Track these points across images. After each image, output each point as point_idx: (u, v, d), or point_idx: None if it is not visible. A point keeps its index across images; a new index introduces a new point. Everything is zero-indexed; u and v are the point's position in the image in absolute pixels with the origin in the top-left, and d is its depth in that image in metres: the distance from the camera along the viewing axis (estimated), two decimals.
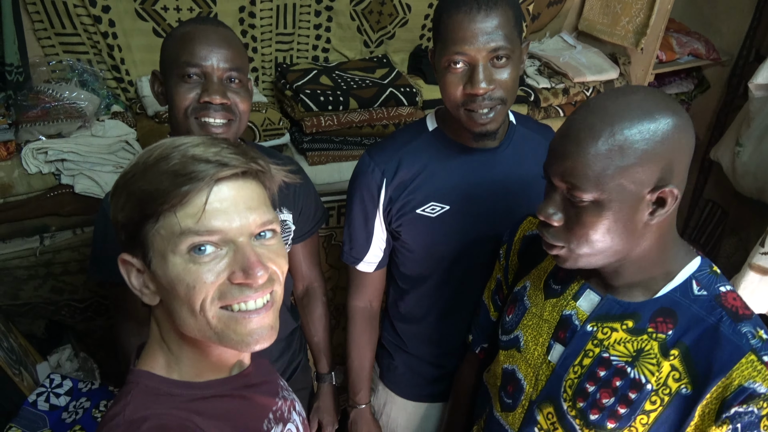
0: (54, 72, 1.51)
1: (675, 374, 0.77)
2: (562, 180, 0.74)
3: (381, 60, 1.89)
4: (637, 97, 0.72)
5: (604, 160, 0.70)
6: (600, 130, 0.70)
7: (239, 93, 1.02)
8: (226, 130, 1.01)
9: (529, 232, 1.01)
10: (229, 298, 0.61)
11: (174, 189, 0.59)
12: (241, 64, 1.03)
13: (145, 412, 0.61)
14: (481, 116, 1.00)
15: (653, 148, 0.70)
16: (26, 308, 1.58)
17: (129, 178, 0.62)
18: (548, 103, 1.95)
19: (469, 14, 0.94)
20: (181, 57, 0.98)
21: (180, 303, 0.61)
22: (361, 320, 1.30)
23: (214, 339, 0.63)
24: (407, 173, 1.11)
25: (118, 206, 0.63)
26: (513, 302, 0.97)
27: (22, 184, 1.40)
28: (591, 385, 0.81)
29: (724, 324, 0.75)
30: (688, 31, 2.26)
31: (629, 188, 0.72)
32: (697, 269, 0.81)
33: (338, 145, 1.70)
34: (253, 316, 0.62)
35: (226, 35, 1.02)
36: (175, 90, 1.00)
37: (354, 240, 1.20)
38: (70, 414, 1.30)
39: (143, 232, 0.62)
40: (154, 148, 0.63)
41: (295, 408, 0.82)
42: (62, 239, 1.50)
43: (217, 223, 0.60)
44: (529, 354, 0.90)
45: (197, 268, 0.60)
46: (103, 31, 1.49)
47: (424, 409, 1.38)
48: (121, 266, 0.65)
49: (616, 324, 0.81)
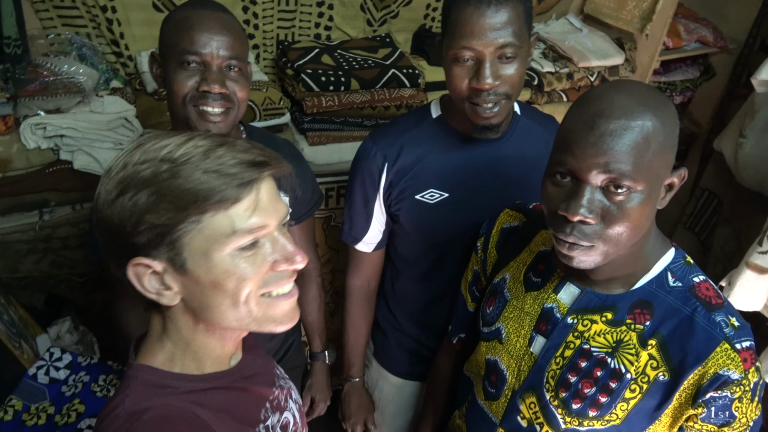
0: (52, 45, 1.49)
1: (653, 363, 0.80)
2: (603, 172, 0.71)
3: (384, 39, 1.86)
4: (645, 88, 0.75)
5: (645, 148, 0.70)
6: (633, 119, 0.70)
7: (238, 81, 1.01)
8: (224, 118, 1.01)
9: (506, 224, 1.02)
10: (270, 285, 0.66)
11: (224, 189, 0.59)
12: (241, 51, 1.02)
13: (146, 404, 0.62)
14: (485, 110, 1.00)
15: (672, 135, 0.73)
16: (26, 281, 1.60)
17: (150, 176, 0.59)
18: (551, 88, 1.93)
19: (478, 9, 0.93)
20: (180, 44, 0.97)
21: (222, 297, 0.63)
22: (358, 298, 1.32)
23: (251, 326, 0.67)
24: (408, 159, 1.12)
25: (138, 206, 0.59)
26: (492, 294, 0.98)
27: (20, 159, 1.40)
28: (573, 376, 0.84)
29: (699, 314, 0.79)
30: (696, 17, 2.23)
31: (661, 174, 0.74)
32: (671, 261, 0.83)
33: (339, 125, 1.69)
34: (288, 299, 0.68)
35: (227, 21, 1.00)
36: (174, 77, 0.99)
37: (354, 221, 1.22)
38: (69, 387, 1.32)
39: (177, 232, 0.60)
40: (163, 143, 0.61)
41: (292, 396, 0.84)
42: (61, 214, 1.50)
43: (262, 221, 0.63)
44: (511, 346, 0.92)
45: (245, 262, 0.62)
46: (102, 4, 1.47)
47: (414, 387, 1.42)
48: (131, 271, 0.62)
49: (596, 316, 0.84)
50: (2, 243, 1.48)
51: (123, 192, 0.60)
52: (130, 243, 0.61)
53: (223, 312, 0.64)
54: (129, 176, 0.60)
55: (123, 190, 0.60)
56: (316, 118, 1.65)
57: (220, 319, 0.65)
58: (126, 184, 0.60)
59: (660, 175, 0.74)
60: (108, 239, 0.63)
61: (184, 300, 0.65)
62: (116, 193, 0.60)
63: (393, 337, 1.37)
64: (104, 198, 0.61)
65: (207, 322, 0.66)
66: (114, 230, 0.61)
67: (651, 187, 0.73)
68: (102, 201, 0.62)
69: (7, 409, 1.24)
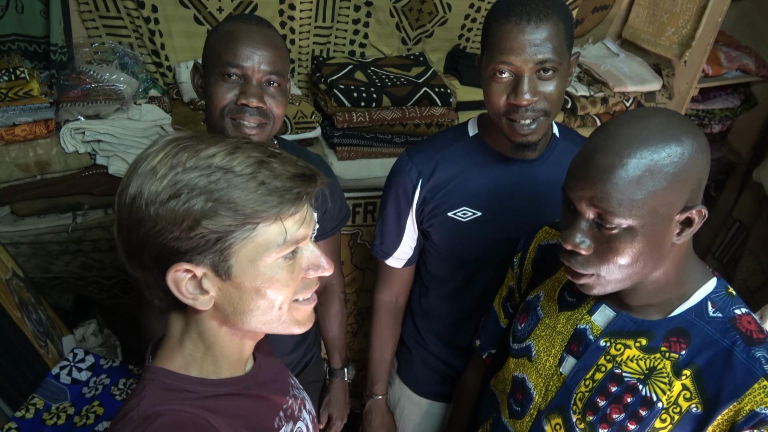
0: (96, 54, 1.54)
1: (686, 393, 0.77)
2: (590, 206, 0.72)
3: (417, 58, 1.87)
4: (659, 120, 0.71)
5: (635, 186, 0.69)
6: (628, 155, 0.69)
7: (276, 97, 1.03)
8: (259, 132, 1.03)
9: (544, 241, 1.00)
10: (303, 291, 0.69)
11: (283, 202, 0.61)
12: (282, 67, 1.03)
13: (160, 408, 0.62)
14: (522, 127, 0.99)
15: (682, 171, 0.70)
16: (56, 282, 1.63)
17: (207, 183, 0.59)
18: (585, 112, 1.90)
19: (518, 25, 0.93)
20: (224, 56, 0.99)
21: (259, 301, 0.65)
22: (386, 314, 1.31)
23: (278, 329, 0.69)
24: (443, 176, 1.12)
25: (193, 210, 0.58)
26: (525, 311, 0.97)
27: (59, 161, 1.44)
28: (602, 400, 0.82)
29: (738, 347, 0.76)
30: (738, 45, 2.18)
31: (661, 211, 0.71)
32: (713, 290, 0.81)
33: (368, 141, 1.69)
34: (310, 304, 0.71)
35: (270, 37, 1.02)
36: (214, 88, 1.01)
37: (385, 235, 1.22)
38: (90, 389, 1.33)
39: (230, 239, 0.61)
40: (224, 153, 0.61)
41: (305, 406, 0.83)
42: (93, 218, 1.53)
43: (306, 230, 0.66)
44: (541, 364, 0.90)
45: (287, 270, 0.65)
46: (146, 16, 1.52)
47: (437, 408, 1.39)
48: (172, 275, 0.61)
49: (630, 341, 0.82)
50: (36, 243, 1.51)
51: (175, 195, 0.58)
52: (172, 247, 0.60)
53: (256, 316, 0.66)
54: (181, 180, 0.59)
55: (176, 194, 0.58)
56: (346, 133, 1.66)
57: (251, 322, 0.66)
58: (180, 187, 0.58)
59: (660, 212, 0.71)
60: (142, 240, 0.60)
61: (216, 304, 0.65)
62: (167, 195, 0.58)
63: (417, 355, 1.35)
64: (150, 198, 0.59)
65: (234, 325, 0.67)
66: (155, 232, 0.59)
67: (647, 225, 0.71)
68: (146, 200, 0.59)
69: (29, 407, 1.25)
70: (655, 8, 2.01)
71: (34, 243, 1.51)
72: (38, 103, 1.36)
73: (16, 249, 1.51)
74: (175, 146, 0.61)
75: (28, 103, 1.35)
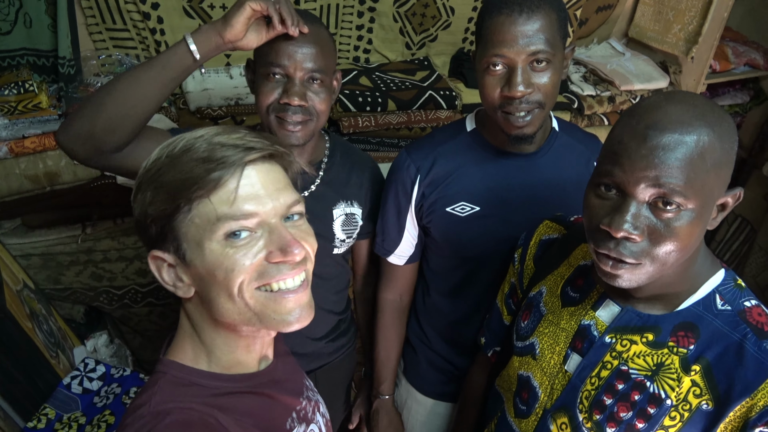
0: (103, 66, 1.56)
1: (696, 390, 0.75)
2: (653, 186, 0.67)
3: (422, 62, 1.88)
4: (703, 101, 0.70)
5: (700, 162, 0.66)
6: (693, 131, 0.66)
7: (319, 94, 1.04)
8: (303, 128, 1.05)
9: (545, 236, 0.98)
10: (266, 277, 0.62)
11: (206, 175, 0.59)
12: (325, 64, 1.04)
13: (170, 405, 0.62)
14: (517, 119, 0.98)
15: (731, 149, 0.69)
16: (67, 293, 1.64)
17: (155, 172, 0.62)
18: (592, 111, 1.89)
19: (510, 16, 0.93)
20: (268, 55, 1.01)
21: (218, 289, 0.62)
22: (390, 313, 1.30)
23: (254, 321, 0.64)
24: (440, 171, 1.11)
25: (146, 201, 0.62)
26: (528, 308, 0.95)
27: (68, 172, 1.45)
28: (608, 398, 0.79)
29: (749, 341, 0.73)
30: (746, 41, 2.16)
31: (715, 192, 0.69)
32: (721, 282, 0.78)
33: (375, 146, 1.69)
34: (291, 296, 0.64)
35: (314, 34, 1.02)
36: (260, 87, 1.04)
37: (386, 232, 1.21)
38: (101, 399, 1.33)
39: (175, 223, 0.61)
40: (177, 140, 0.63)
41: (320, 409, 0.82)
42: (103, 228, 1.55)
43: (251, 207, 0.61)
44: (545, 362, 0.88)
45: (234, 251, 0.61)
46: (152, 27, 1.53)
47: (443, 408, 1.37)
48: (152, 263, 0.65)
49: (636, 336, 0.79)
50: (46, 254, 1.52)
51: (138, 189, 0.63)
52: (146, 237, 0.64)
53: (222, 305, 0.63)
54: (144, 173, 0.63)
55: (138, 188, 0.63)
56: (352, 137, 1.66)
57: (222, 312, 0.64)
58: (140, 182, 0.63)
59: (713, 193, 0.69)
60: (138, 234, 0.67)
61: (197, 293, 0.65)
62: (134, 191, 0.64)
63: (422, 354, 1.34)
64: (132, 199, 0.65)
65: (214, 317, 0.66)
66: (138, 227, 0.65)
67: (703, 206, 0.68)
68: (132, 201, 0.65)
69: (41, 417, 1.25)
70: (660, 6, 2.00)
71: (44, 254, 1.52)
72: (47, 116, 1.38)
73: (26, 261, 1.52)
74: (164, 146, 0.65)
75: (37, 115, 1.37)
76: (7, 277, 1.31)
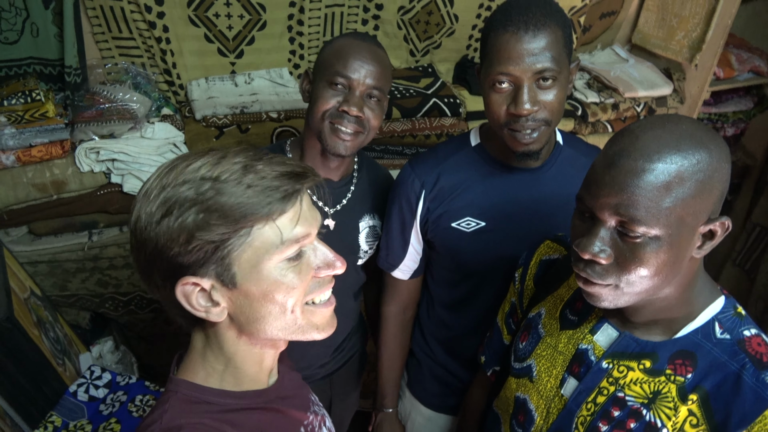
0: (109, 74, 1.57)
1: (692, 420, 0.74)
2: (615, 214, 0.68)
3: (426, 69, 1.88)
4: (686, 126, 0.69)
5: (664, 192, 0.66)
6: (657, 160, 0.66)
7: (374, 110, 1.10)
8: (353, 139, 1.10)
9: (546, 256, 0.98)
10: (314, 292, 0.68)
11: (272, 201, 0.61)
12: (384, 83, 1.10)
13: (181, 420, 0.63)
14: (524, 136, 0.98)
15: (710, 179, 0.67)
16: (73, 299, 1.65)
17: (198, 196, 0.60)
18: (596, 118, 1.89)
19: (516, 34, 0.92)
20: (335, 66, 1.07)
21: (272, 307, 0.65)
22: (394, 326, 1.31)
23: (295, 334, 0.68)
24: (445, 186, 1.11)
25: (191, 225, 0.59)
26: (527, 329, 0.94)
27: (75, 181, 1.46)
28: (604, 425, 0.78)
29: (747, 372, 0.72)
30: (750, 47, 2.16)
31: (687, 221, 0.68)
32: (720, 310, 0.77)
33: (379, 153, 1.70)
34: (328, 306, 0.71)
35: (379, 55, 1.10)
36: (321, 93, 1.09)
37: (391, 247, 1.22)
38: (107, 406, 1.34)
39: (228, 247, 0.61)
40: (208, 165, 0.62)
41: (325, 423, 0.83)
42: (109, 236, 1.55)
43: (306, 229, 0.65)
44: (542, 385, 0.87)
45: (292, 271, 0.65)
46: (157, 35, 1.54)
47: (445, 421, 1.38)
48: (180, 290, 0.62)
49: (633, 363, 0.78)
50: (53, 262, 1.53)
51: (167, 213, 0.60)
52: (176, 263, 0.61)
53: (270, 323, 0.66)
54: (170, 197, 0.60)
55: (167, 212, 0.60)
56: None
57: (266, 329, 0.66)
58: (170, 205, 0.60)
59: (686, 221, 0.68)
60: (150, 261, 0.62)
61: (230, 315, 0.66)
62: (160, 214, 0.60)
63: (426, 366, 1.34)
64: (146, 220, 0.61)
65: (251, 335, 0.67)
66: (158, 251, 0.61)
67: (672, 234, 0.67)
68: (144, 223, 0.61)
69: (47, 425, 1.26)
70: (664, 12, 2.00)
71: (51, 261, 1.53)
72: (54, 124, 1.39)
73: (33, 268, 1.53)
74: (165, 168, 0.63)
75: (44, 124, 1.38)
76: (14, 285, 1.32)
